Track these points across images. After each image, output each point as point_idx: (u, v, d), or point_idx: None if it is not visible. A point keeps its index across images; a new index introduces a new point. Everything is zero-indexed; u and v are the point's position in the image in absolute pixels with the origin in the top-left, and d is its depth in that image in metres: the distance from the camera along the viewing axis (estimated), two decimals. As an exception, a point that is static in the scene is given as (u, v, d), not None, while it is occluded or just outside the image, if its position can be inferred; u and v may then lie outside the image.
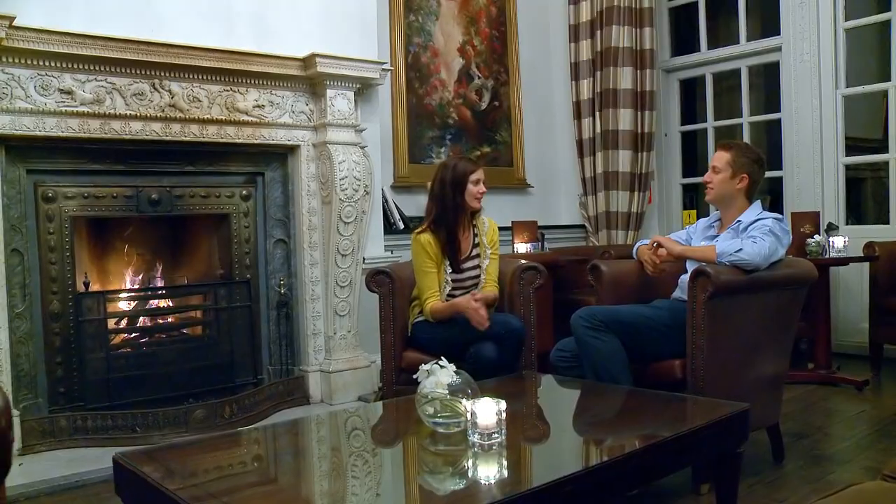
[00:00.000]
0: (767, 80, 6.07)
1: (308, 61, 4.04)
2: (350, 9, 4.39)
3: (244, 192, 4.14)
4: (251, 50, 3.91)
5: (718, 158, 3.05)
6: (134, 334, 4.00)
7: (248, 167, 4.15)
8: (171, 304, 4.18)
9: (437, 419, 2.09)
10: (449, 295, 3.39)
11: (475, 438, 1.96)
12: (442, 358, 2.18)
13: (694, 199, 6.55)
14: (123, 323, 3.96)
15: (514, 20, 5.83)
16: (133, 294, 3.98)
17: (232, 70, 3.86)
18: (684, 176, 6.15)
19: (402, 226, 4.95)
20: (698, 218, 5.85)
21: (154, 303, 4.10)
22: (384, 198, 4.87)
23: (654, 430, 2.19)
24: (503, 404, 1.97)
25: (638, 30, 5.58)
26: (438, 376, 2.11)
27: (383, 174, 4.82)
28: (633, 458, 1.92)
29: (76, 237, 3.68)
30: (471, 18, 5.59)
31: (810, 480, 2.80)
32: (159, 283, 4.07)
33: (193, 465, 1.92)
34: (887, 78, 5.04)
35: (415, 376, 2.18)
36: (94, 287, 3.78)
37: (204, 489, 1.69)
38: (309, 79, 4.13)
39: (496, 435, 1.96)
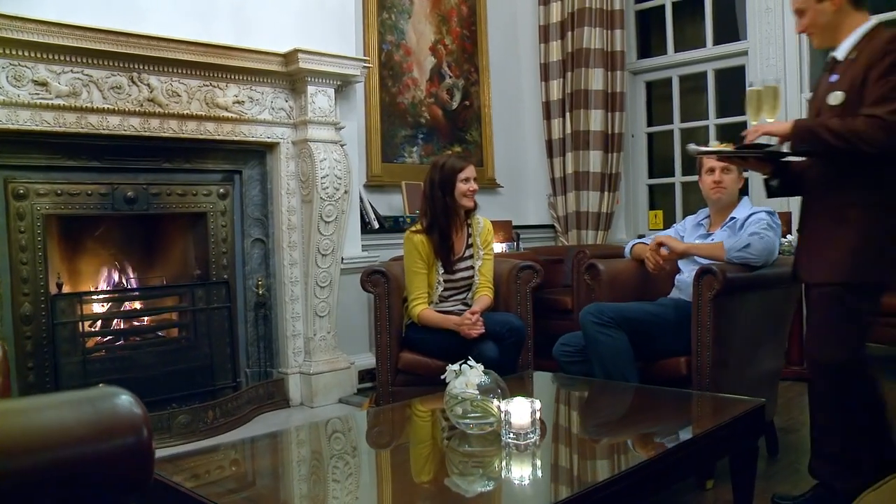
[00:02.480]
0: (723, 85, 6.18)
1: (289, 57, 3.95)
2: (329, 5, 4.32)
3: (221, 190, 4.02)
4: (231, 44, 3.81)
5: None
6: (109, 337, 3.85)
7: (225, 165, 4.04)
8: (145, 305, 4.03)
9: (466, 420, 2.06)
10: (440, 296, 3.36)
11: (509, 438, 1.94)
12: (469, 358, 2.15)
13: (656, 199, 6.63)
14: (98, 326, 3.81)
15: (484, 20, 5.82)
16: (109, 296, 3.83)
17: (212, 64, 3.75)
18: (650, 177, 6.23)
19: (377, 225, 4.89)
20: (664, 218, 6.01)
21: (129, 304, 3.95)
22: (360, 197, 4.80)
23: (682, 427, 2.21)
24: (537, 404, 1.95)
25: (609, 31, 5.64)
26: (468, 376, 2.08)
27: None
28: (669, 455, 1.92)
29: (48, 236, 3.51)
30: (442, 17, 5.56)
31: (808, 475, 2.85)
32: (135, 284, 3.93)
33: (224, 472, 1.84)
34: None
35: (443, 377, 2.15)
36: (67, 288, 3.62)
37: (248, 498, 1.62)
38: (289, 75, 4.04)
39: (531, 435, 1.94)
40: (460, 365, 2.10)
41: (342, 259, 4.29)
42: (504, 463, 1.91)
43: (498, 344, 3.05)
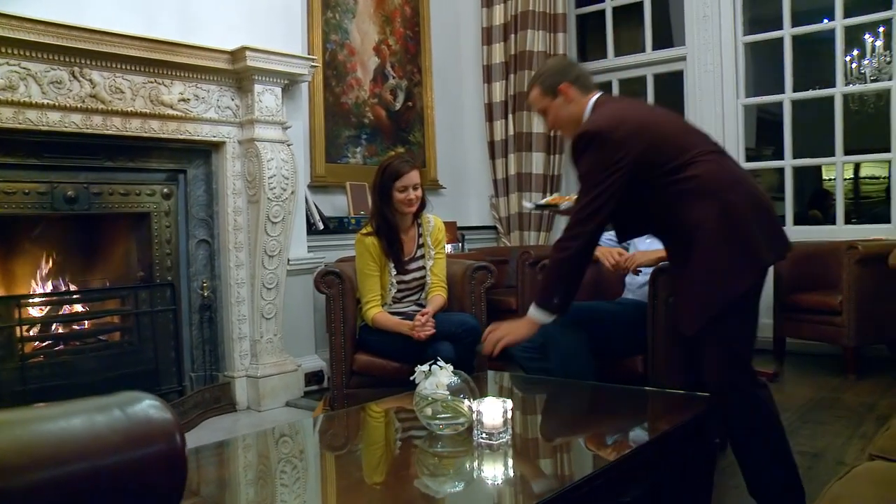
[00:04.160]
0: (662, 89, 6.33)
1: (237, 54, 3.87)
2: (275, 3, 4.26)
3: (165, 190, 3.92)
4: (177, 40, 3.71)
5: None
6: (48, 342, 3.69)
7: (169, 164, 3.93)
8: (86, 308, 3.89)
9: (436, 420, 2.05)
10: (394, 297, 3.34)
11: (481, 439, 1.94)
12: (438, 359, 2.14)
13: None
14: (35, 330, 3.65)
15: (427, 21, 5.83)
16: (48, 299, 3.68)
17: (157, 60, 3.64)
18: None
19: (321, 226, 4.84)
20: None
21: (69, 308, 3.80)
22: (304, 198, 4.74)
23: (651, 425, 2.25)
24: (509, 403, 1.95)
25: (552, 35, 5.72)
26: (438, 377, 2.07)
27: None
28: (644, 451, 1.96)
29: (-18, 237, 3.37)
30: (386, 17, 5.54)
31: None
32: (75, 287, 3.78)
33: (198, 477, 1.79)
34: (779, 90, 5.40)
35: (412, 378, 2.14)
36: (3, 291, 3.48)
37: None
38: (236, 73, 3.96)
39: (503, 435, 1.95)
40: (429, 366, 2.10)
41: (288, 260, 4.23)
42: (477, 463, 1.91)
43: (454, 344, 3.05)
